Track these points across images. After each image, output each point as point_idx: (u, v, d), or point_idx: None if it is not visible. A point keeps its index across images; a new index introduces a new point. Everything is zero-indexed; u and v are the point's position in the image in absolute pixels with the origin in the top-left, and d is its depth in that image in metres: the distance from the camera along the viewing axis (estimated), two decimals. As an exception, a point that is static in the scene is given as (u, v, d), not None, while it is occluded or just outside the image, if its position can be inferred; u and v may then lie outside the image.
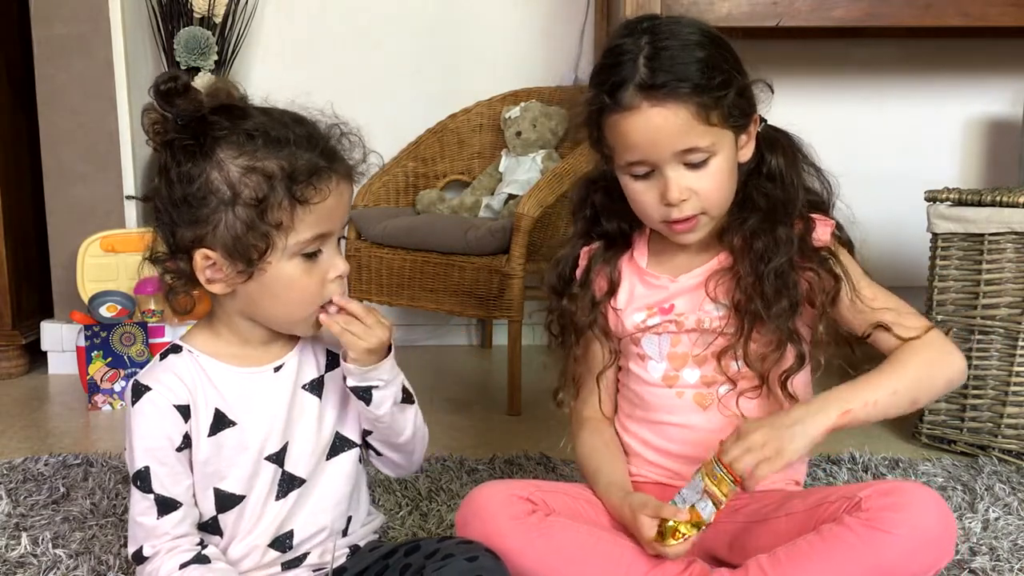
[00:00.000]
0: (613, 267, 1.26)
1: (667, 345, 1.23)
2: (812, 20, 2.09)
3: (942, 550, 1.04)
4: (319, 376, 1.14)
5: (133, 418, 1.06)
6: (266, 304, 1.05)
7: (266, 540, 1.11)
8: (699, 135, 1.11)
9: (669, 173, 1.12)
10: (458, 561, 1.05)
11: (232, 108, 1.04)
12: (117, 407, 2.21)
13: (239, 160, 1.00)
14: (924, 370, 1.13)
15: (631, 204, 1.19)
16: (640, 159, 1.13)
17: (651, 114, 1.10)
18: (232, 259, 1.02)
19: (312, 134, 1.04)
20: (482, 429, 2.04)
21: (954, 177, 2.71)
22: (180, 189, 1.01)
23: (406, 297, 2.25)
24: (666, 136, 1.11)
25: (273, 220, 1.00)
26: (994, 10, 2.06)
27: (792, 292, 1.15)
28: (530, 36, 2.72)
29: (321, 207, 1.02)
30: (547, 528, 1.14)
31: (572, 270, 1.29)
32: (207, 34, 2.54)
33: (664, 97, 1.10)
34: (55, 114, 2.46)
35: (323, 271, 1.05)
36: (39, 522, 1.52)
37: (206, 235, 1.02)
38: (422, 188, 2.57)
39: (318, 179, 1.01)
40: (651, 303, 1.23)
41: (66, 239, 2.45)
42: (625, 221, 1.26)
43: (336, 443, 1.15)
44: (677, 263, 1.24)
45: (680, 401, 1.22)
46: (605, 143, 1.16)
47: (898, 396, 1.11)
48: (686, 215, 1.14)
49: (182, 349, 1.10)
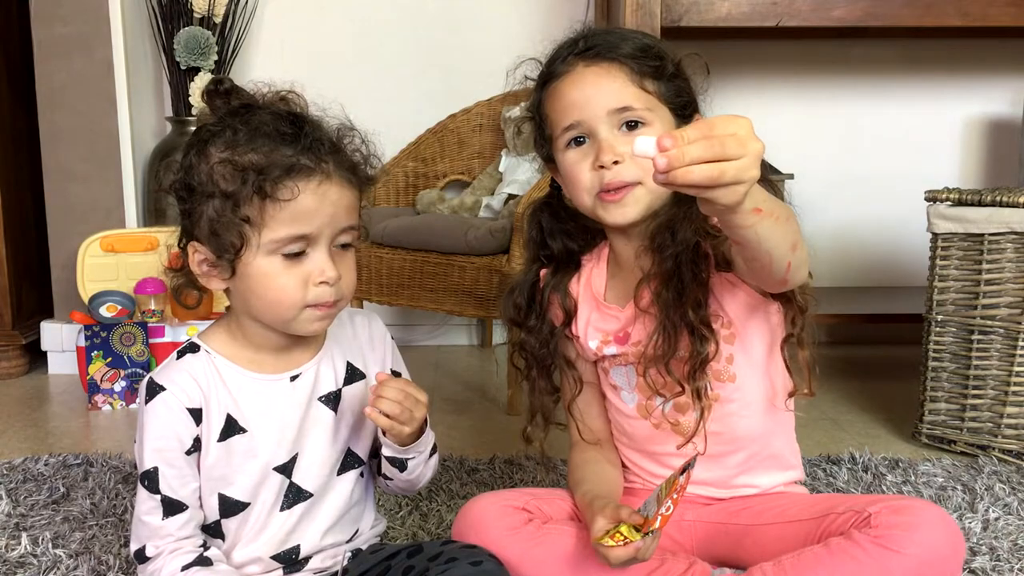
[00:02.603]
0: (564, 293, 1.24)
1: (634, 375, 1.20)
2: (812, 20, 2.09)
3: (951, 571, 1.03)
4: (337, 389, 1.13)
5: (145, 417, 1.06)
6: (252, 301, 1.04)
7: (270, 551, 1.10)
8: (633, 96, 1.12)
9: (603, 134, 1.12)
10: (462, 565, 1.05)
11: (246, 107, 1.04)
12: (117, 407, 2.21)
13: (223, 154, 1.00)
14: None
15: (567, 188, 1.18)
16: (575, 120, 1.13)
17: (585, 72, 1.13)
18: (216, 254, 1.02)
19: (302, 133, 1.01)
20: (482, 429, 2.04)
21: (954, 177, 2.71)
22: (179, 181, 1.04)
23: (406, 297, 2.25)
24: (601, 92, 1.12)
25: (243, 214, 0.99)
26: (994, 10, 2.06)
27: (698, 284, 1.11)
28: (530, 36, 2.72)
29: (295, 206, 0.99)
30: (543, 536, 1.13)
31: (529, 299, 1.26)
32: (207, 34, 2.54)
33: (597, 57, 1.13)
34: (55, 114, 2.46)
35: (306, 273, 1.02)
36: (39, 522, 1.52)
37: (194, 227, 1.03)
38: (422, 188, 2.57)
39: (291, 176, 0.99)
40: (607, 331, 1.21)
41: (66, 239, 2.45)
42: (572, 240, 1.25)
43: (347, 459, 1.14)
44: (627, 284, 1.19)
45: (659, 432, 1.20)
46: (546, 123, 1.17)
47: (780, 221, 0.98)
48: (622, 180, 1.11)
49: (199, 349, 1.09)
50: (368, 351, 1.18)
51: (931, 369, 1.87)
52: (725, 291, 1.14)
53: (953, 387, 1.85)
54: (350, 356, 1.15)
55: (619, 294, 1.22)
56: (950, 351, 1.84)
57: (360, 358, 1.16)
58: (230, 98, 1.05)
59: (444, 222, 2.26)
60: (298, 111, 1.05)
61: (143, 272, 2.29)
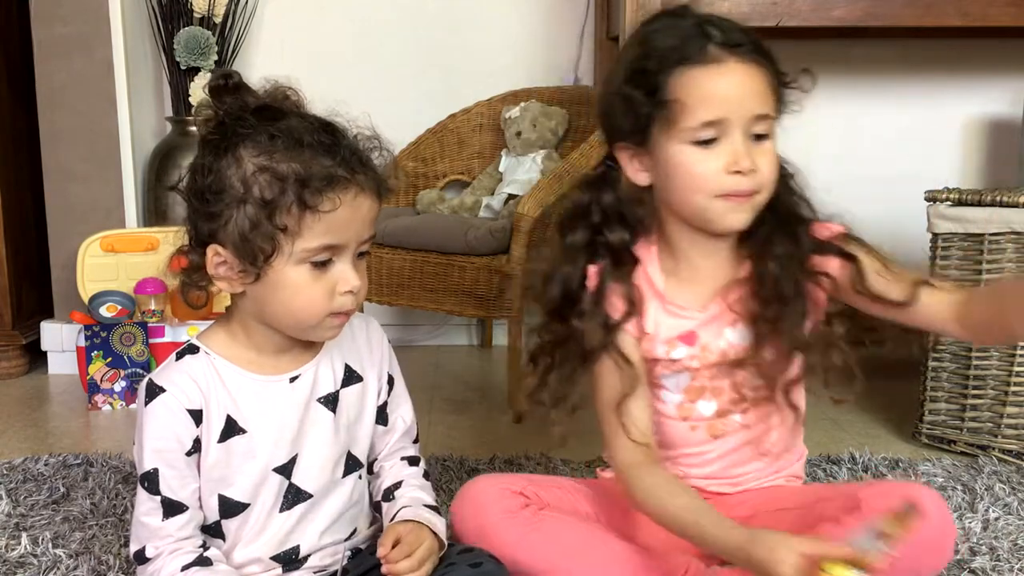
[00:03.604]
0: (629, 285, 1.16)
1: (686, 379, 1.18)
2: (812, 20, 2.09)
3: (942, 552, 1.04)
4: (335, 391, 1.13)
5: (145, 418, 1.05)
6: (273, 308, 1.04)
7: (270, 551, 1.10)
8: (770, 104, 1.08)
9: (741, 139, 1.07)
10: (461, 568, 1.05)
11: (269, 108, 1.03)
12: (117, 407, 2.21)
13: (257, 159, 0.99)
14: None
15: (678, 179, 1.09)
16: (717, 117, 1.06)
17: (737, 69, 1.06)
18: (241, 258, 1.01)
19: (338, 143, 1.02)
20: (482, 429, 2.04)
21: (954, 177, 2.71)
22: (200, 182, 1.02)
23: (406, 297, 2.25)
24: (749, 94, 1.06)
25: (280, 223, 0.98)
26: (994, 10, 2.06)
27: (802, 298, 1.13)
28: (530, 36, 2.72)
29: (332, 217, 0.99)
30: (540, 522, 1.13)
31: (579, 288, 1.16)
32: (207, 34, 2.54)
33: (745, 55, 1.07)
34: (55, 114, 2.46)
35: (332, 282, 1.02)
36: (39, 522, 1.52)
37: (219, 231, 1.02)
38: (422, 188, 2.57)
39: (332, 188, 0.99)
40: (673, 335, 1.16)
41: (66, 239, 2.45)
42: (628, 231, 1.17)
43: (349, 462, 1.14)
44: (695, 285, 1.17)
45: (693, 434, 1.19)
46: (669, 106, 1.06)
47: None
48: (751, 187, 1.08)
49: (199, 350, 1.09)
50: (366, 354, 1.18)
51: (931, 369, 1.87)
52: (812, 301, 1.14)
53: (953, 387, 1.85)
54: (348, 358, 1.15)
55: (686, 295, 1.17)
56: (950, 351, 1.84)
57: (358, 361, 1.16)
58: (239, 94, 1.03)
59: (444, 222, 2.26)
60: (328, 120, 1.04)
61: (143, 272, 2.28)
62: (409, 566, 1.05)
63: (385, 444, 1.21)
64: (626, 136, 1.12)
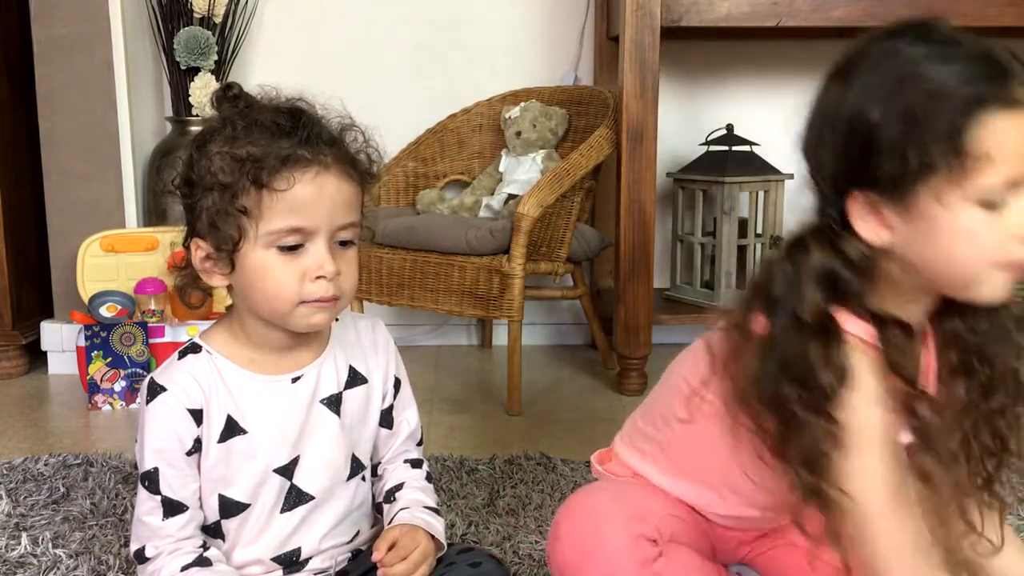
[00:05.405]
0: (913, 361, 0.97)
1: None
2: (812, 20, 2.09)
3: None
4: (338, 392, 1.13)
5: (146, 417, 1.05)
6: (252, 297, 1.04)
7: (271, 552, 1.10)
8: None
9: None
10: (460, 568, 1.05)
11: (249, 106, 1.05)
12: (117, 407, 2.21)
13: (222, 148, 1.01)
14: None
15: (956, 244, 0.89)
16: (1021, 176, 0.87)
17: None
18: (217, 248, 1.02)
19: (300, 124, 1.01)
20: (482, 429, 2.04)
21: (954, 177, 2.71)
22: (180, 178, 1.05)
23: (406, 297, 2.25)
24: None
25: (240, 205, 0.99)
26: (994, 10, 2.06)
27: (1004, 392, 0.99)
28: (530, 36, 2.73)
29: (291, 197, 0.99)
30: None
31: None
32: (207, 34, 2.54)
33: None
34: (55, 114, 2.46)
35: (303, 268, 1.01)
36: (39, 522, 1.52)
37: (196, 223, 1.04)
38: (422, 188, 2.57)
39: (289, 167, 0.99)
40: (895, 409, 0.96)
41: (66, 239, 2.45)
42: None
43: (353, 465, 1.14)
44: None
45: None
46: (961, 155, 0.85)
47: None
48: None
49: (201, 349, 1.09)
50: (371, 355, 1.17)
51: (931, 369, 1.86)
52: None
53: (953, 387, 1.84)
54: (352, 360, 1.15)
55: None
56: (950, 351, 1.83)
57: (362, 362, 1.16)
58: (238, 102, 1.05)
59: (444, 222, 2.26)
60: (294, 106, 1.05)
61: (143, 272, 2.29)
62: (405, 569, 1.06)
63: (389, 447, 1.21)
64: (876, 184, 0.91)
